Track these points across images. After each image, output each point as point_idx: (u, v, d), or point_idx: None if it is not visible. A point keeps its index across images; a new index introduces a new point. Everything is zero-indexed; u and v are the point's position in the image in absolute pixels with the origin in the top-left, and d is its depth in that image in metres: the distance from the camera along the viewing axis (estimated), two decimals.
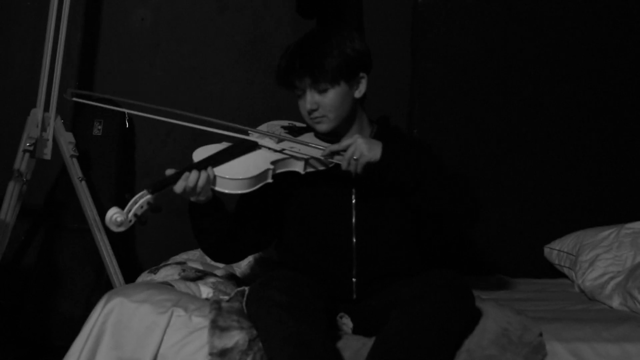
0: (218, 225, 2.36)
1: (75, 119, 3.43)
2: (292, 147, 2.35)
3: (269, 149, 2.35)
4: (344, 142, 2.28)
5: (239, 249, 2.44)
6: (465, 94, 3.56)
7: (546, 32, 3.57)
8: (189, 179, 2.23)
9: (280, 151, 2.33)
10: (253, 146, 2.35)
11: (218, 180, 2.28)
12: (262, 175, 2.29)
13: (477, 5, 3.53)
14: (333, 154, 2.30)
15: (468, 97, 3.56)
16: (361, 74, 2.40)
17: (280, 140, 2.37)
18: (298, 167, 2.34)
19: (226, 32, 3.53)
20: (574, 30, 3.57)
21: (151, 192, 2.19)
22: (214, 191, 2.30)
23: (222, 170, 2.28)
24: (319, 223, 2.40)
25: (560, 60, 3.57)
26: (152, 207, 2.19)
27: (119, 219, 2.14)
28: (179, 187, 2.23)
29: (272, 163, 2.31)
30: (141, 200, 2.17)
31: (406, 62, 3.56)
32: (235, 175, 2.27)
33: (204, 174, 2.24)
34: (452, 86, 3.56)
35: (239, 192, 2.29)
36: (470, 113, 3.57)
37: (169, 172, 2.26)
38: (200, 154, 2.33)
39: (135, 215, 2.16)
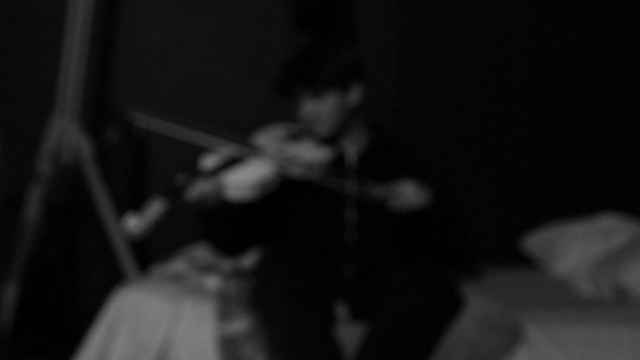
0: (225, 230, 2.41)
1: (93, 123, 3.47)
2: (296, 151, 2.39)
3: (274, 154, 2.36)
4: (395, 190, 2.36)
5: (246, 245, 2.51)
6: (445, 94, 3.64)
7: (523, 40, 3.65)
8: (199, 190, 2.25)
9: (285, 155, 2.37)
10: (259, 153, 2.36)
11: (227, 189, 2.29)
12: (269, 182, 2.33)
13: (459, 19, 3.63)
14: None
15: (448, 98, 3.65)
16: (355, 82, 2.47)
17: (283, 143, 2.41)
18: (302, 170, 2.37)
19: (230, 46, 3.58)
20: (550, 34, 3.65)
21: (163, 200, 2.19)
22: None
23: (230, 179, 2.29)
24: (316, 218, 2.48)
25: (535, 60, 3.65)
26: (166, 211, 2.19)
27: (136, 229, 2.14)
28: (189, 197, 2.25)
29: (278, 168, 2.34)
30: (154, 207, 2.17)
31: (392, 66, 3.62)
32: (244, 184, 2.29)
33: (213, 184, 2.27)
34: (433, 86, 3.63)
35: (248, 200, 2.32)
36: (449, 113, 3.65)
37: (180, 177, 2.26)
38: (209, 162, 2.35)
39: (152, 221, 2.17)
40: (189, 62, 3.60)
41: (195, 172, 2.28)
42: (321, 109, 2.44)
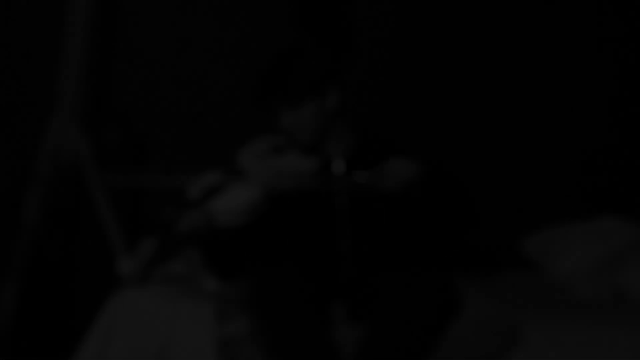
0: (221, 256, 2.44)
1: (92, 125, 3.46)
2: (281, 167, 2.40)
3: (260, 172, 2.37)
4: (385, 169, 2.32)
5: (245, 265, 2.52)
6: (444, 95, 3.64)
7: (521, 41, 3.64)
8: (188, 222, 2.28)
9: (271, 171, 2.38)
10: (244, 175, 2.37)
11: (216, 216, 2.30)
12: (258, 203, 2.34)
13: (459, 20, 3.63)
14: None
15: (447, 99, 3.64)
16: (331, 86, 2.46)
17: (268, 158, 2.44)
18: (289, 185, 2.38)
19: (231, 46, 3.58)
20: (550, 35, 3.64)
21: (156, 239, 2.22)
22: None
23: (218, 206, 2.30)
24: (309, 227, 2.49)
25: (535, 62, 3.65)
26: (161, 252, 2.23)
27: (133, 272, 2.19)
28: (179, 230, 2.27)
29: (266, 186, 2.36)
30: (148, 249, 2.21)
31: (391, 68, 3.62)
32: (233, 209, 2.29)
33: (202, 214, 2.29)
34: (431, 87, 3.63)
35: (239, 223, 2.32)
36: (448, 113, 3.65)
37: (167, 213, 2.27)
38: (195, 189, 2.36)
39: (145, 262, 2.20)
40: (189, 63, 3.60)
41: (182, 205, 2.28)
42: (300, 119, 2.44)
